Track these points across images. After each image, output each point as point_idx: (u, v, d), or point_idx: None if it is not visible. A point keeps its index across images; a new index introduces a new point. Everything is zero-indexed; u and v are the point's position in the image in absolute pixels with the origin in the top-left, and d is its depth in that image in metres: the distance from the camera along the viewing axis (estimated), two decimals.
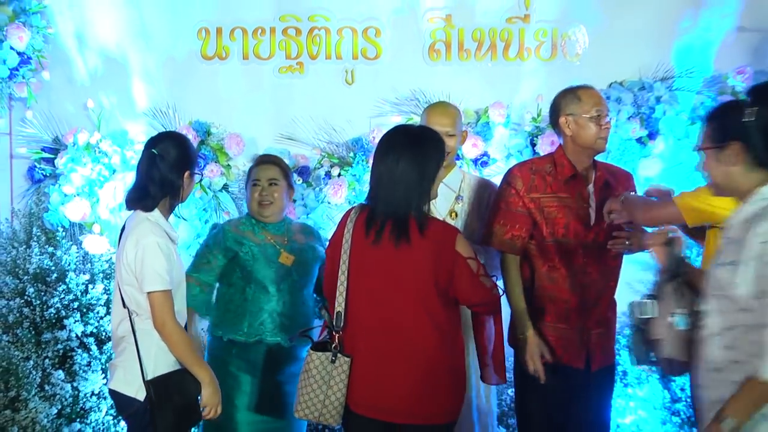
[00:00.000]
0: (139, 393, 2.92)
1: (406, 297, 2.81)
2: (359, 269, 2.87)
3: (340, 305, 2.88)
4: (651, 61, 4.30)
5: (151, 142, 3.12)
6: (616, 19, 4.36)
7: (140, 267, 2.91)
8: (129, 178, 4.20)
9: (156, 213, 3.01)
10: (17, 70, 4.22)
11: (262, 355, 3.41)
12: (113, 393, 3.05)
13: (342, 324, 2.85)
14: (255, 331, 3.38)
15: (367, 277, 2.86)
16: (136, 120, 4.43)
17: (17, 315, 3.89)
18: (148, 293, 2.90)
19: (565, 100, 3.11)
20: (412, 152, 2.83)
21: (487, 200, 3.54)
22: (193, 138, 4.29)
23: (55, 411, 3.84)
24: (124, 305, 2.97)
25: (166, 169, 3.00)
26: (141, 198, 3.00)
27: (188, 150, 3.15)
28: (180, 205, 3.35)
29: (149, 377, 2.89)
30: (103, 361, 3.96)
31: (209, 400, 3.01)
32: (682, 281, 2.69)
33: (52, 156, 4.29)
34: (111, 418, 4.04)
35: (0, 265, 4.11)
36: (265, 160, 3.63)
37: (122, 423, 4.03)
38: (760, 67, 4.24)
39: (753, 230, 2.23)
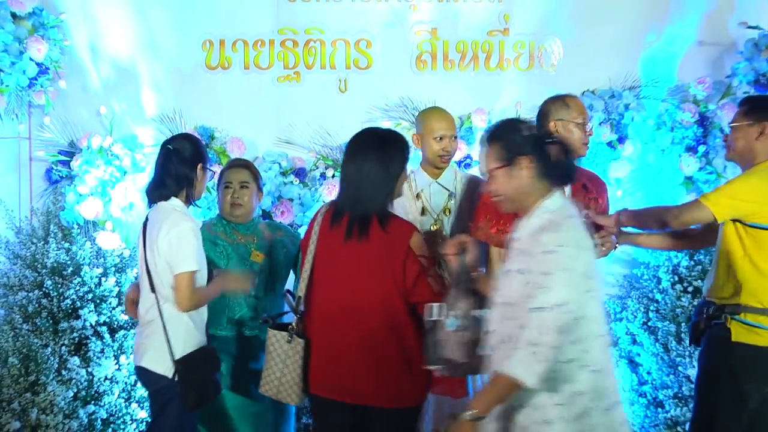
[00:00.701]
0: (168, 371, 3.03)
1: (362, 287, 2.83)
2: (323, 260, 2.91)
3: (301, 291, 2.93)
4: (620, 72, 4.42)
5: (167, 141, 3.24)
6: (588, 32, 4.49)
7: (175, 251, 3.00)
8: (139, 179, 4.33)
9: (180, 203, 3.12)
10: (36, 79, 4.28)
11: (241, 347, 3.47)
12: (142, 370, 3.15)
13: (303, 309, 2.92)
14: (233, 326, 3.45)
15: (329, 267, 2.90)
16: (146, 125, 4.50)
17: (36, 305, 3.98)
18: (177, 274, 2.99)
19: (554, 106, 3.18)
20: (378, 153, 2.89)
21: (473, 193, 3.57)
22: None
23: (72, 394, 3.92)
24: (152, 290, 3.08)
25: (180, 163, 3.10)
26: (158, 188, 3.11)
27: (200, 146, 3.25)
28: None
29: (177, 357, 3.00)
30: (115, 348, 4.02)
31: (231, 283, 3.19)
32: (466, 287, 2.71)
33: (68, 159, 4.32)
34: (123, 401, 4.11)
35: (20, 259, 4.18)
36: (237, 164, 3.66)
37: (133, 405, 4.15)
38: (718, 77, 4.40)
39: (538, 241, 2.26)
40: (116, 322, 4.04)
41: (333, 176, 4.39)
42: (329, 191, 4.33)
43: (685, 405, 4.03)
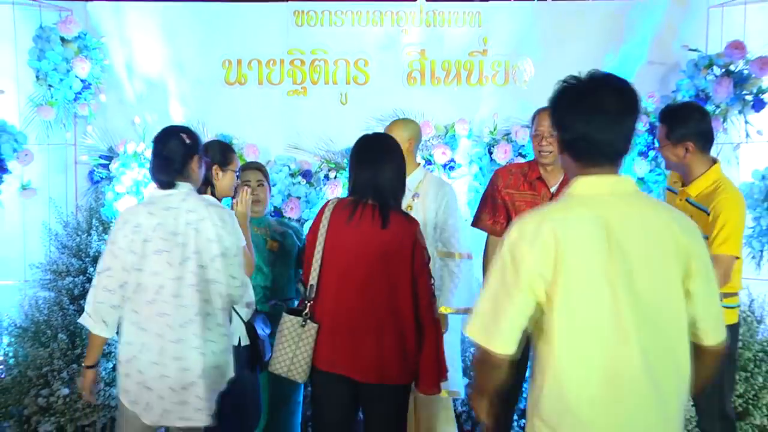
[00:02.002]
0: (236, 338, 3.10)
1: (374, 273, 2.83)
2: (334, 249, 2.89)
3: (313, 279, 2.90)
4: None
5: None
6: (555, 53, 4.65)
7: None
8: None
9: (212, 198, 3.11)
10: (80, 93, 4.49)
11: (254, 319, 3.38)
12: None
13: (314, 295, 2.88)
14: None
15: (341, 256, 2.88)
16: None
17: (81, 289, 4.13)
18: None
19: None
20: (396, 155, 2.95)
21: (443, 197, 3.69)
22: None
23: (111, 365, 4.02)
24: None
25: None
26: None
27: (223, 151, 3.24)
28: None
29: (245, 320, 3.10)
30: None
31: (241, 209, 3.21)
32: None
33: (107, 162, 4.53)
34: None
35: (67, 249, 4.31)
36: (253, 166, 3.71)
37: None
38: (665, 92, 4.62)
39: None
40: None
41: (335, 177, 4.54)
42: (331, 190, 4.50)
43: None
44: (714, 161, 3.15)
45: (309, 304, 2.88)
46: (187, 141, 2.86)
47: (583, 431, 1.80)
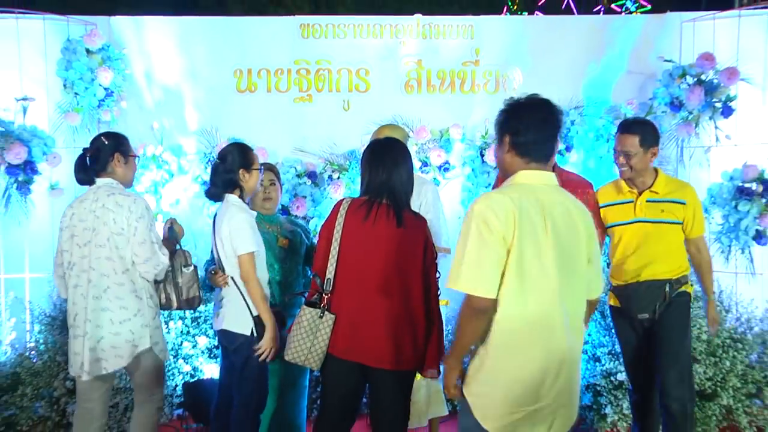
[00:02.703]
0: (246, 329, 3.19)
1: (390, 267, 2.86)
2: (350, 246, 2.92)
3: (330, 273, 2.92)
4: (567, 94, 4.71)
5: (219, 154, 3.36)
6: (542, 63, 4.82)
7: (235, 236, 3.15)
8: (183, 181, 4.69)
9: (236, 198, 3.27)
10: (104, 101, 4.61)
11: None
12: (223, 332, 3.28)
13: (331, 288, 2.92)
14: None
15: (358, 252, 2.91)
16: (188, 137, 4.79)
17: None
18: (239, 255, 3.13)
19: None
20: (404, 159, 2.99)
21: (425, 195, 3.71)
22: None
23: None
24: (223, 271, 3.25)
25: (224, 171, 3.26)
26: (209, 191, 3.34)
27: (243, 153, 3.31)
28: None
29: (254, 314, 3.17)
30: (164, 315, 4.26)
31: (267, 343, 3.15)
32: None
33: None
34: (171, 357, 4.33)
35: None
36: (265, 167, 3.65)
37: (179, 361, 4.48)
38: (643, 99, 4.76)
39: None
40: None
41: (338, 178, 4.65)
42: (335, 190, 4.63)
43: (617, 359, 4.23)
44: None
45: (326, 296, 2.92)
46: (106, 142, 3.29)
47: (516, 350, 2.30)
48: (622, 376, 4.23)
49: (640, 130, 3.40)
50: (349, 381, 2.96)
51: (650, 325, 3.46)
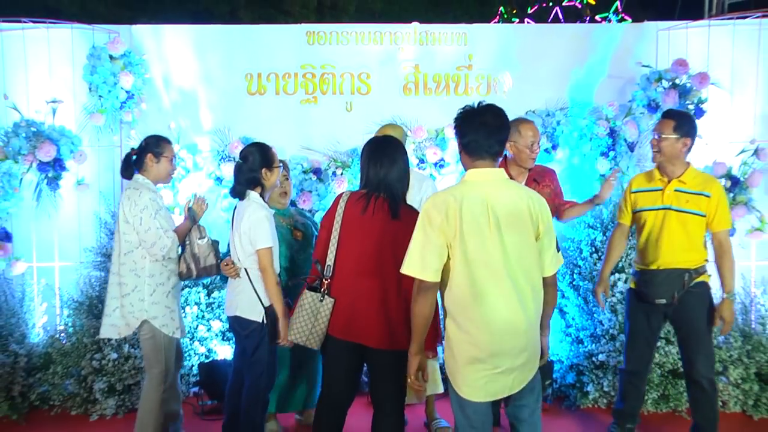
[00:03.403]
0: (258, 317, 3.35)
1: (385, 256, 2.95)
2: (349, 235, 3.01)
3: (330, 260, 3.02)
4: (553, 97, 4.88)
5: (241, 154, 3.49)
6: (530, 68, 4.94)
7: (254, 232, 3.29)
8: (198, 177, 4.81)
9: (256, 195, 3.41)
10: (125, 102, 4.72)
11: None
12: (235, 318, 3.43)
13: (331, 274, 3.02)
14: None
15: (357, 241, 3.00)
16: (203, 136, 4.91)
17: None
18: (258, 249, 3.29)
19: (510, 131, 3.05)
20: (400, 154, 3.08)
21: (425, 191, 3.85)
22: (241, 149, 4.11)
23: None
24: (234, 264, 3.42)
25: (247, 170, 3.41)
26: (234, 189, 3.47)
27: (263, 153, 3.43)
28: None
29: (266, 305, 3.33)
30: (181, 301, 4.22)
31: (283, 332, 3.30)
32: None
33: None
34: (188, 339, 4.54)
35: (114, 235, 4.20)
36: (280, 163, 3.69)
37: (195, 343, 4.64)
38: (623, 102, 4.87)
39: None
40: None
41: (342, 174, 4.76)
42: (338, 185, 4.75)
43: (598, 342, 4.43)
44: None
45: (326, 282, 3.02)
46: (144, 143, 3.62)
47: (477, 321, 2.55)
48: (603, 357, 4.39)
49: (678, 118, 3.50)
50: (347, 360, 3.06)
51: (668, 310, 3.58)
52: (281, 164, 3.66)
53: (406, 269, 2.60)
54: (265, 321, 3.34)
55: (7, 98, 4.69)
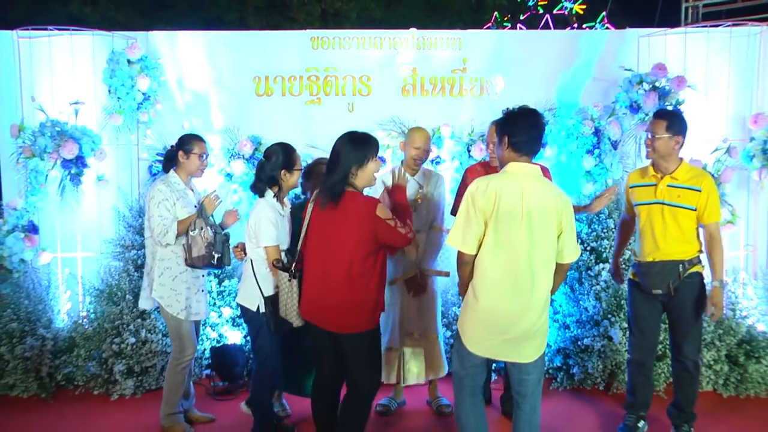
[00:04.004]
0: (253, 305, 3.49)
1: (335, 246, 3.07)
2: (312, 226, 3.17)
3: (302, 247, 3.25)
4: (542, 98, 4.93)
5: (265, 152, 3.57)
6: (521, 71, 5.05)
7: (257, 230, 3.43)
8: (210, 173, 4.83)
9: (271, 197, 3.48)
10: (142, 104, 4.84)
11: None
12: (238, 305, 3.61)
13: (300, 259, 3.22)
14: None
15: (314, 231, 3.16)
16: (214, 135, 4.98)
17: (143, 259, 4.41)
18: (264, 246, 3.43)
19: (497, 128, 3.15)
20: (345, 149, 3.10)
21: (439, 186, 3.99)
22: (249, 147, 4.83)
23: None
24: (244, 251, 3.58)
25: (268, 169, 3.48)
26: (254, 185, 3.56)
27: (287, 155, 3.47)
28: None
29: (265, 295, 3.43)
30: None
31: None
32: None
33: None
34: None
35: (132, 228, 4.74)
36: None
37: (207, 328, 4.78)
38: (607, 103, 4.98)
39: None
40: None
41: None
42: None
43: (583, 327, 4.56)
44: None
45: (295, 264, 3.22)
46: (179, 142, 3.82)
47: (491, 293, 2.87)
48: (588, 341, 4.52)
49: (669, 117, 3.57)
50: (323, 343, 3.21)
51: (664, 299, 3.67)
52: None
53: (449, 241, 2.96)
54: (262, 310, 3.43)
55: (34, 100, 4.81)
